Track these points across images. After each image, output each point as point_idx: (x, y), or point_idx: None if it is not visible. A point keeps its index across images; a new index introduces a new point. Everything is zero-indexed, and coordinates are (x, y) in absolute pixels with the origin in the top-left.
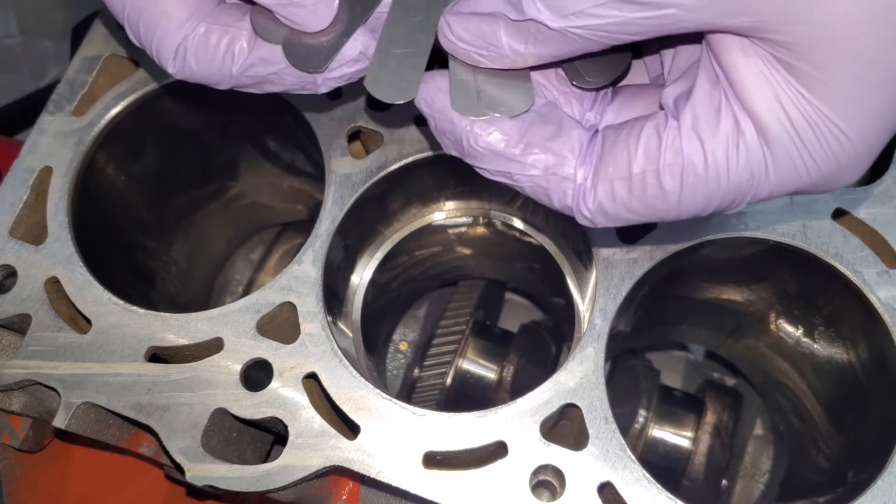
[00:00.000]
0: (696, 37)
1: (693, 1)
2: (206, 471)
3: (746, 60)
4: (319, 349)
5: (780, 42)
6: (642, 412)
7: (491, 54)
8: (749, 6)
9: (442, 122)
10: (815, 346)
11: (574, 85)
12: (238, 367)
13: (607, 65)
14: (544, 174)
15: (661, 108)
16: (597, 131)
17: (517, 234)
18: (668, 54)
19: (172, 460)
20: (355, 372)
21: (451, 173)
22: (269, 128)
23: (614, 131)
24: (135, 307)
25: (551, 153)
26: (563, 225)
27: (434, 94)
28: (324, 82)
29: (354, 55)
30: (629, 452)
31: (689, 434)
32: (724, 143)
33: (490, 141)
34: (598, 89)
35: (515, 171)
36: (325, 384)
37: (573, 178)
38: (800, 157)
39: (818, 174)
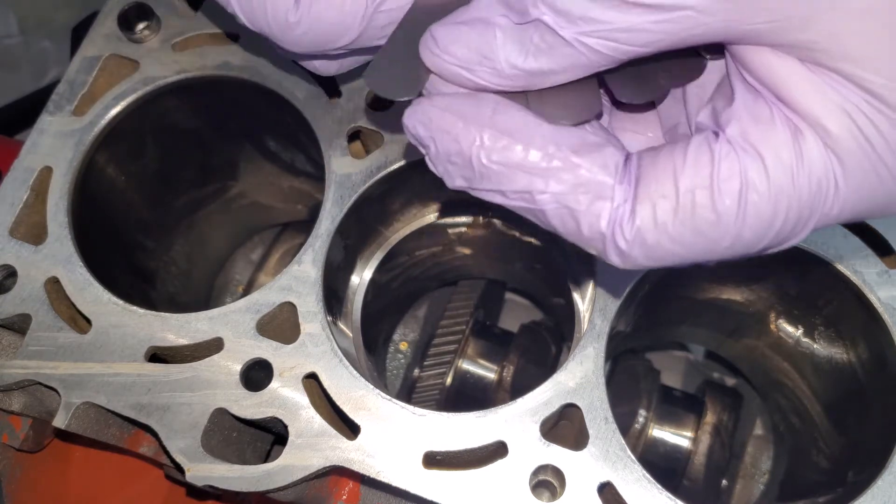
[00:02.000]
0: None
1: (709, 1)
2: (206, 471)
3: (787, 66)
4: (319, 349)
5: (811, 44)
6: (642, 412)
7: (483, 70)
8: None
9: (445, 143)
10: (815, 346)
11: (614, 101)
12: (238, 367)
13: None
14: (573, 191)
15: (695, 132)
16: (629, 154)
17: (517, 234)
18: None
19: (172, 460)
20: (355, 372)
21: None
22: (269, 127)
23: (653, 150)
24: (135, 307)
25: (583, 167)
26: None
27: (431, 112)
28: None
29: None
30: (629, 452)
31: (689, 434)
32: (787, 150)
33: (507, 154)
34: (639, 107)
35: (538, 189)
36: (325, 384)
37: (611, 196)
38: (869, 161)
39: (891, 179)
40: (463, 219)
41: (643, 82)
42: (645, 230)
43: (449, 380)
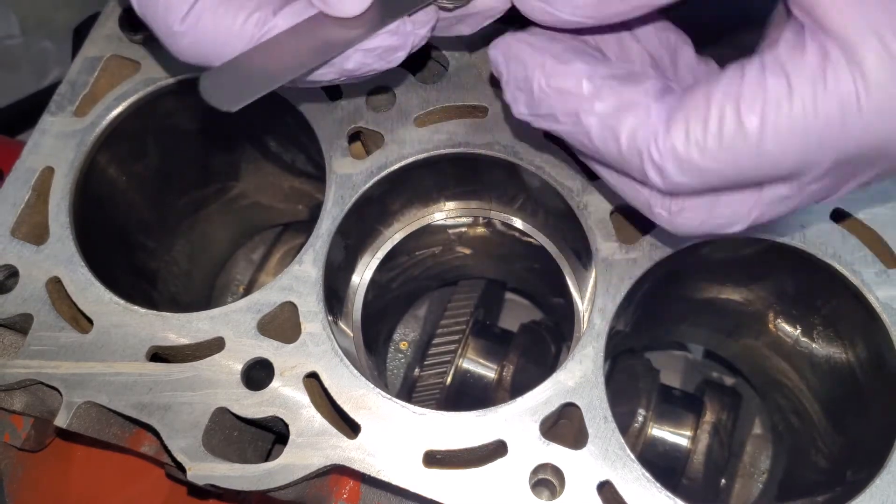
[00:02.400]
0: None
1: None
2: (208, 470)
3: None
4: (320, 349)
5: None
6: (641, 411)
7: (562, 3)
8: None
9: (515, 69)
10: (813, 345)
11: None
12: (239, 367)
13: None
14: (615, 111)
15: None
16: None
17: (517, 234)
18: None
19: (174, 459)
20: (356, 371)
21: (451, 173)
22: (269, 128)
23: (696, 83)
24: (136, 307)
25: (624, 93)
26: (562, 225)
27: (511, 42)
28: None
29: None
30: (628, 451)
31: (688, 433)
32: (812, 72)
33: (561, 80)
34: None
35: (584, 109)
36: (326, 383)
37: (647, 114)
38: (893, 84)
39: None
40: (463, 219)
41: None
42: (678, 145)
43: (449, 379)
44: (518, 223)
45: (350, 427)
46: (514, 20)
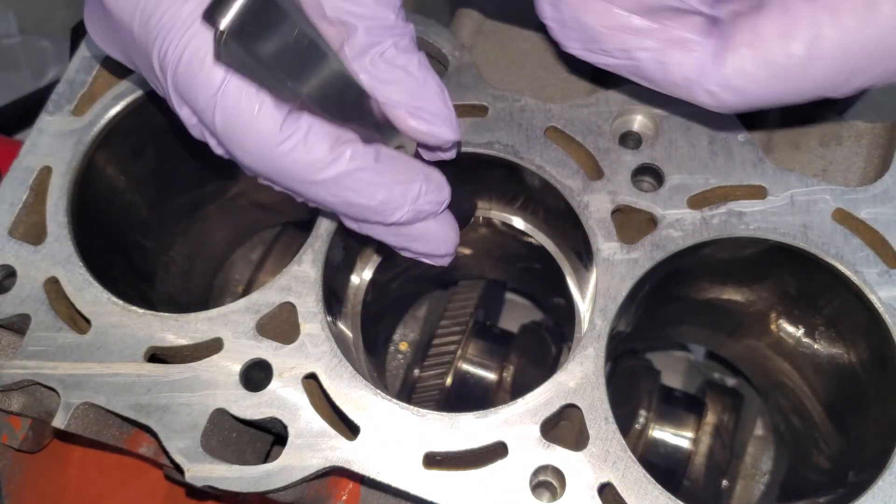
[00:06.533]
0: None
1: None
2: (206, 471)
3: None
4: (319, 349)
5: None
6: (643, 412)
7: None
8: None
9: (573, 9)
10: (815, 346)
11: None
12: (238, 368)
13: None
14: (665, 47)
15: None
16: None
17: (517, 234)
18: None
19: (172, 461)
20: (355, 372)
21: (452, 173)
22: None
23: (741, 14)
24: (134, 307)
25: (673, 28)
26: (563, 225)
27: None
28: None
29: None
30: (629, 453)
31: (690, 434)
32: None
33: (613, 19)
34: None
35: (634, 46)
36: (325, 384)
37: (696, 49)
38: None
39: None
40: None
41: None
42: (729, 75)
43: (449, 380)
44: (518, 223)
45: (349, 428)
46: None
